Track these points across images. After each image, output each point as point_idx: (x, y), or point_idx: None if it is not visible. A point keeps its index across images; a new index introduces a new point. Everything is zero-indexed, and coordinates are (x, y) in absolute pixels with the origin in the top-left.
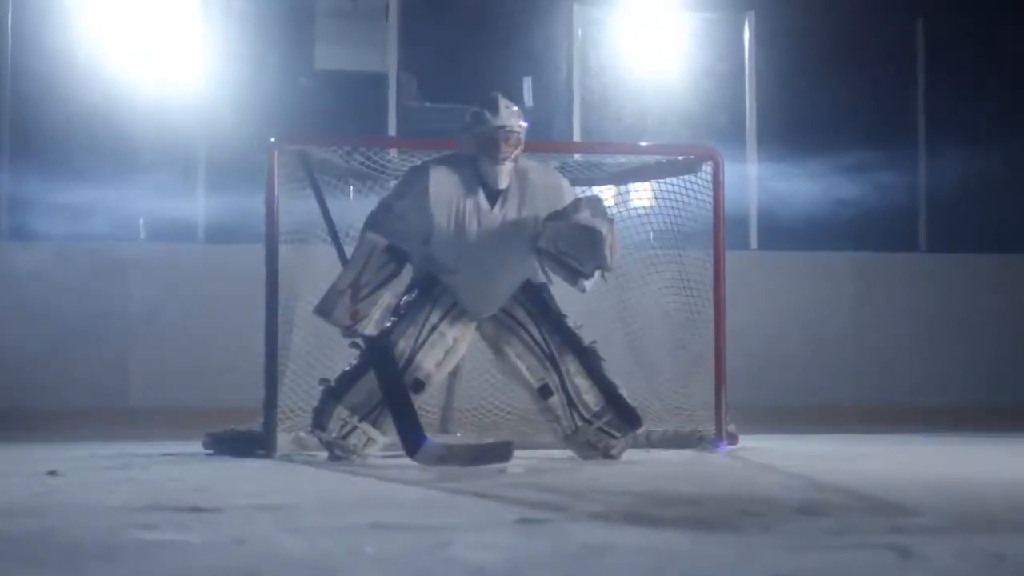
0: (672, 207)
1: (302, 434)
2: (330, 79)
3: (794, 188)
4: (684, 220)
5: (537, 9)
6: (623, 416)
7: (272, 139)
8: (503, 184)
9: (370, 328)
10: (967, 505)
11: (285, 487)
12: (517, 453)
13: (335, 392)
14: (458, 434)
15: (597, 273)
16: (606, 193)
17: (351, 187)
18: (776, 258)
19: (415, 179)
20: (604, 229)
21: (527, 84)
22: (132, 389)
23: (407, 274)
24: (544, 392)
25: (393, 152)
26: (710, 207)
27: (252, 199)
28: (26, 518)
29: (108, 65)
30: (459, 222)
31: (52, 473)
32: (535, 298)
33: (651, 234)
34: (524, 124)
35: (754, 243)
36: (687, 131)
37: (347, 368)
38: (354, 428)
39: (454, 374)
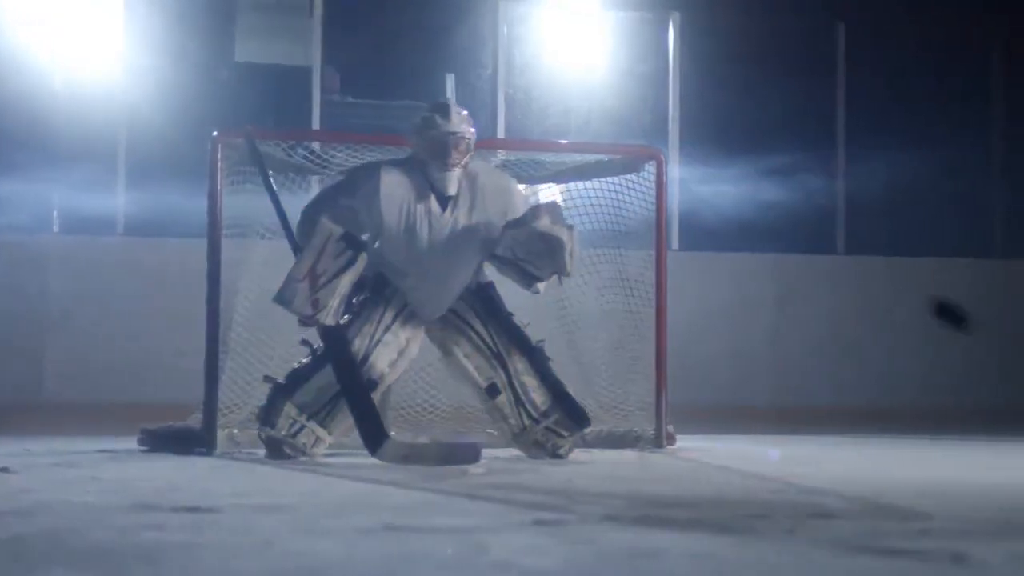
0: (612, 206)
1: (235, 431)
2: (251, 72)
3: (716, 189)
4: (624, 219)
5: (463, 5)
6: (571, 415)
7: (215, 132)
8: (452, 191)
9: (329, 318)
10: (970, 508)
11: (261, 487)
12: None
13: (285, 390)
14: (392, 433)
15: (553, 276)
16: (547, 191)
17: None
18: (697, 259)
19: (365, 179)
20: (565, 236)
21: (450, 81)
22: (47, 383)
23: (362, 261)
24: (492, 391)
25: (317, 145)
26: (650, 206)
27: (173, 192)
28: (25, 519)
29: (25, 54)
30: (410, 226)
31: (2, 470)
32: (482, 296)
33: (591, 233)
34: (474, 130)
35: (675, 243)
36: (611, 129)
37: (297, 366)
38: (303, 427)
39: None
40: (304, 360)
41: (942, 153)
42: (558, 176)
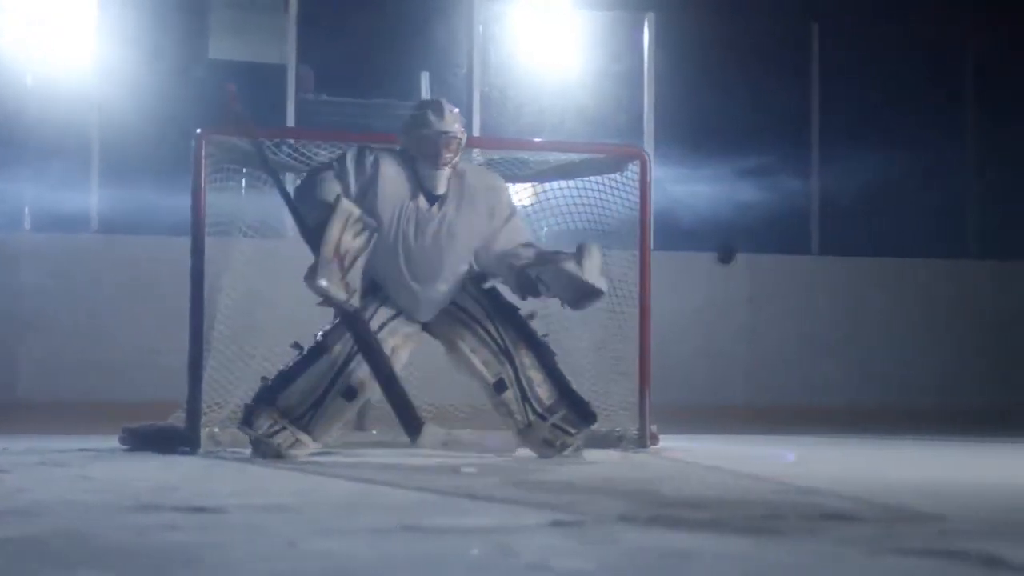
0: (595, 206)
1: (216, 430)
2: (225, 70)
3: (691, 189)
4: (607, 219)
5: (438, 4)
6: (577, 411)
7: (199, 129)
8: (441, 190)
9: (356, 300)
10: (973, 509)
11: (256, 486)
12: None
13: (269, 391)
14: (373, 431)
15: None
16: (529, 190)
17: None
18: (673, 259)
19: (368, 166)
20: (606, 289)
21: (425, 79)
22: (21, 382)
23: (374, 240)
24: (499, 387)
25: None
26: (633, 206)
27: (147, 189)
28: (28, 519)
29: None
30: (401, 225)
31: None
32: (486, 290)
33: (573, 233)
34: (465, 130)
35: (651, 243)
36: (586, 129)
37: (284, 368)
38: (282, 429)
39: None
40: (291, 363)
41: (916, 154)
42: (541, 175)
